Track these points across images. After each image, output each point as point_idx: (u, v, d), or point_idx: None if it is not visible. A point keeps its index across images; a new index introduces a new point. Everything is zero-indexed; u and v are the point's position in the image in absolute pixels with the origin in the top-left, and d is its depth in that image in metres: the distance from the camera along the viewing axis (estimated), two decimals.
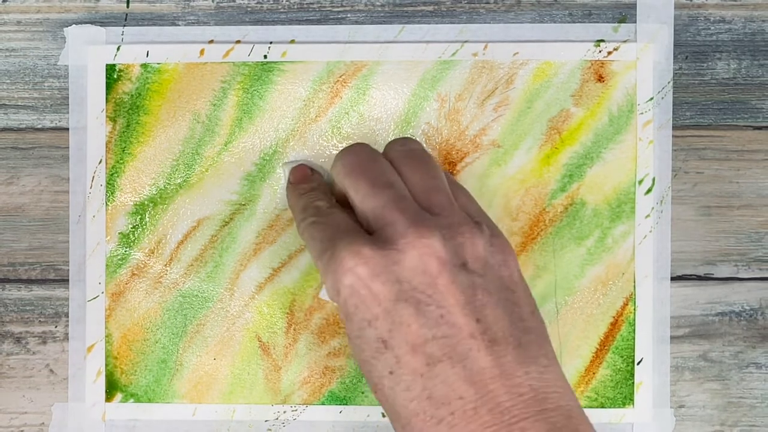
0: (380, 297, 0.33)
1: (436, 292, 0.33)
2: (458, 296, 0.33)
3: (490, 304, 0.33)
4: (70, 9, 0.44)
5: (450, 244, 0.33)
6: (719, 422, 0.43)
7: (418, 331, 0.33)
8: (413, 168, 0.37)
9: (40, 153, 0.44)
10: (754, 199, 0.44)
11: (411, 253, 0.33)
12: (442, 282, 0.33)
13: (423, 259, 0.33)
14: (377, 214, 0.35)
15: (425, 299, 0.33)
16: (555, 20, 0.43)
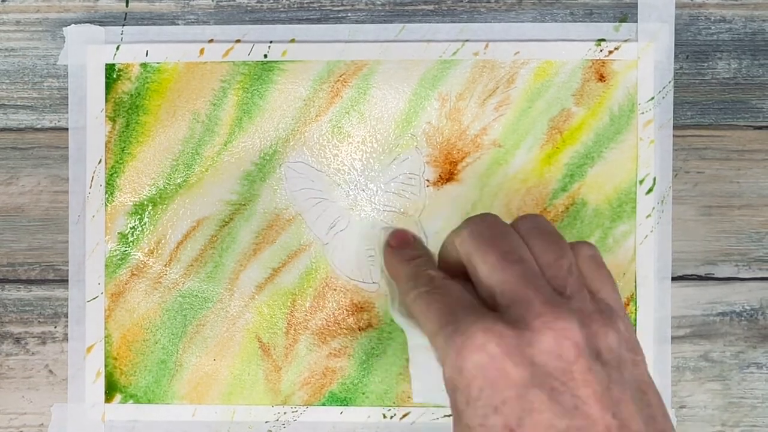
0: (512, 379, 0.30)
1: (571, 379, 0.30)
2: (594, 387, 0.30)
3: (624, 400, 0.30)
4: (70, 8, 0.44)
5: (585, 330, 0.31)
6: (720, 422, 0.43)
7: (551, 420, 0.30)
8: (545, 246, 0.34)
9: (40, 153, 0.44)
10: (755, 199, 0.44)
11: (547, 334, 0.30)
12: (579, 369, 0.30)
13: (559, 342, 0.30)
14: (507, 289, 0.32)
15: (559, 386, 0.30)
16: (556, 19, 0.43)
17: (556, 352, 0.30)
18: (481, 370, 0.30)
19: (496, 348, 0.30)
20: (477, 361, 0.30)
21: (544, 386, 0.30)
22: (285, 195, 0.44)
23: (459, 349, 0.30)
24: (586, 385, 0.30)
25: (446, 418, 0.43)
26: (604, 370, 0.30)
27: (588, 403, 0.30)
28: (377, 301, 0.43)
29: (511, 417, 0.30)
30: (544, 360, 0.30)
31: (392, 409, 0.43)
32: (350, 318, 0.44)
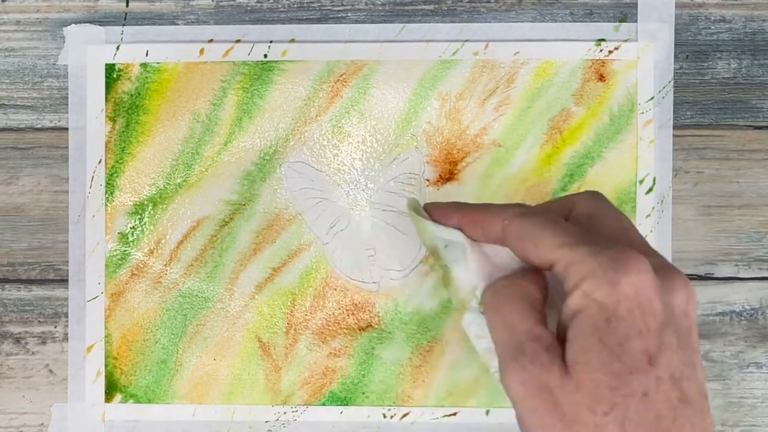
0: (657, 313, 0.31)
1: (690, 338, 0.31)
2: (699, 355, 0.32)
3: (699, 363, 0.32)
4: (70, 8, 0.44)
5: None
6: (720, 422, 0.43)
7: (679, 363, 0.31)
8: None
9: (40, 153, 0.44)
10: (755, 198, 0.44)
11: (684, 293, 0.32)
12: (695, 334, 0.32)
13: (690, 303, 0.32)
14: (643, 245, 0.34)
15: (685, 339, 0.31)
16: (556, 19, 0.43)
17: (685, 310, 0.31)
18: (636, 291, 0.30)
19: (652, 279, 0.31)
20: (635, 282, 0.30)
21: (677, 332, 0.31)
22: (285, 195, 0.44)
23: (620, 264, 0.31)
24: (696, 351, 0.31)
25: (446, 417, 0.43)
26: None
27: (697, 366, 0.31)
28: (377, 301, 0.43)
29: (652, 345, 0.30)
30: (676, 311, 0.31)
31: (392, 409, 0.43)
32: (350, 318, 0.44)
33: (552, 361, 0.31)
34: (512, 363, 0.31)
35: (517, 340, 0.32)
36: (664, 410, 0.30)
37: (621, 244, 0.32)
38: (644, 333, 0.30)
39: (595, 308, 0.31)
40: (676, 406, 0.30)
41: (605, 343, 0.30)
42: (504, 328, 0.33)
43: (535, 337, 0.32)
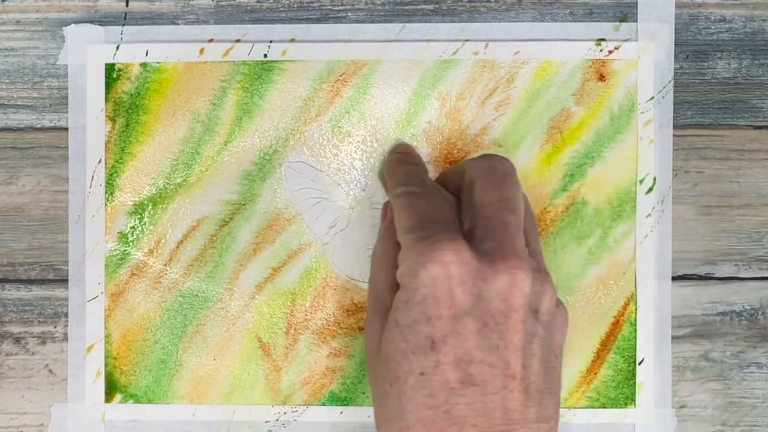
0: (455, 302, 0.33)
1: (504, 323, 0.33)
2: (520, 337, 0.33)
3: (537, 357, 0.34)
4: (69, 8, 0.44)
5: (534, 287, 0.34)
6: (720, 422, 0.43)
7: (472, 349, 0.33)
8: (527, 214, 0.38)
9: (40, 153, 0.44)
10: (755, 198, 0.44)
11: (504, 279, 0.33)
12: (515, 319, 0.33)
13: (511, 289, 0.33)
14: (491, 227, 0.35)
15: (492, 325, 0.33)
16: (556, 19, 0.43)
17: (504, 296, 0.33)
18: (433, 282, 0.33)
19: (455, 270, 0.33)
20: (434, 273, 0.33)
21: (479, 319, 0.33)
22: (285, 195, 0.44)
23: (423, 255, 0.33)
24: (515, 333, 0.33)
25: None
26: (535, 327, 0.34)
27: (509, 348, 0.33)
28: None
29: (438, 332, 0.33)
30: (491, 297, 0.33)
31: None
32: (350, 318, 0.44)
33: (378, 330, 0.35)
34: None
35: (370, 298, 0.38)
36: (438, 390, 0.33)
37: (475, 220, 0.35)
38: (433, 320, 0.33)
39: (401, 291, 0.34)
40: (455, 388, 0.33)
41: (398, 323, 0.34)
42: (369, 288, 0.38)
43: (376, 302, 0.36)
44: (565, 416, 0.43)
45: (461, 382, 0.33)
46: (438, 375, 0.33)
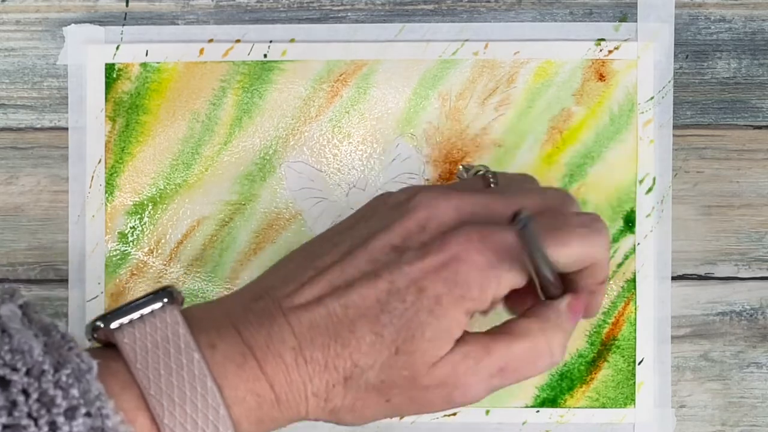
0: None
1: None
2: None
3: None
4: (69, 8, 0.44)
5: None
6: (720, 422, 0.43)
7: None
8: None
9: (40, 153, 0.44)
10: (755, 198, 0.44)
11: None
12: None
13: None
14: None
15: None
16: (556, 19, 0.43)
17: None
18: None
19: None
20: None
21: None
22: (285, 195, 0.44)
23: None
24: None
25: (446, 417, 0.43)
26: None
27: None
28: None
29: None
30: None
31: None
32: None
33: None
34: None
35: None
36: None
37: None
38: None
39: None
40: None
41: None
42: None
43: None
44: (565, 416, 0.43)
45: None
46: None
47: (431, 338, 0.32)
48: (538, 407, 0.43)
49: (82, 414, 0.29)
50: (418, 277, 0.32)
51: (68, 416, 0.29)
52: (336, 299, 0.32)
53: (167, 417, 0.31)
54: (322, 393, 0.32)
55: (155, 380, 0.31)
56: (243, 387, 0.32)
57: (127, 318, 0.32)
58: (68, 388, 0.29)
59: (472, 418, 0.43)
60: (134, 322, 0.32)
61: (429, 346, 0.32)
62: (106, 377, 0.30)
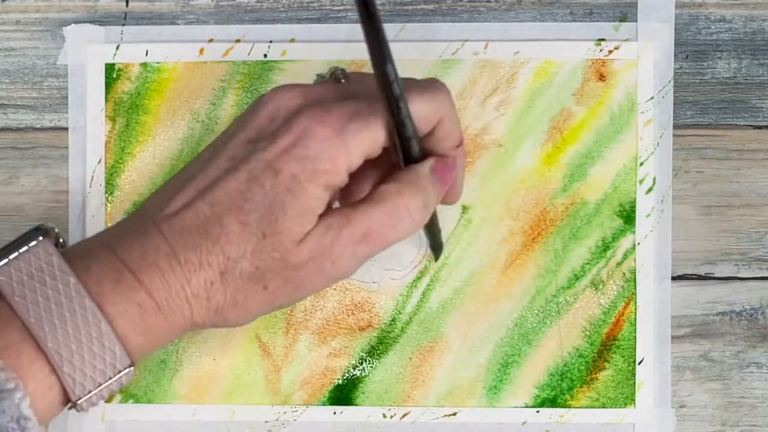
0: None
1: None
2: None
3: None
4: (69, 8, 0.44)
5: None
6: (720, 422, 0.43)
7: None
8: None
9: (40, 153, 0.44)
10: (755, 198, 0.44)
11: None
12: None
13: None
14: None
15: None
16: (556, 19, 0.43)
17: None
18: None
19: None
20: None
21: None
22: None
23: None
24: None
25: (446, 417, 0.43)
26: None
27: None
28: (377, 301, 0.43)
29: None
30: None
31: (392, 409, 0.43)
32: (350, 318, 0.43)
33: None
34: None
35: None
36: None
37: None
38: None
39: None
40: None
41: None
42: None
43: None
44: (565, 416, 0.43)
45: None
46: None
47: (293, 216, 0.33)
48: (538, 407, 0.43)
49: None
50: (272, 160, 0.33)
51: None
52: (201, 200, 0.34)
53: (50, 340, 0.32)
54: (203, 293, 0.34)
55: (34, 308, 0.32)
56: (122, 300, 0.33)
57: (3, 260, 0.33)
58: None
59: (472, 418, 0.43)
60: (10, 261, 0.33)
61: (292, 223, 0.33)
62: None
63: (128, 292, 0.33)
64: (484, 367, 0.43)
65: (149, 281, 0.33)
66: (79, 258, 0.34)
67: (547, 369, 0.43)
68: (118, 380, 0.33)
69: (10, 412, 0.30)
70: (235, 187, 0.34)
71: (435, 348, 0.43)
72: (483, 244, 0.43)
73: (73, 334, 0.32)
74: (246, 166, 0.34)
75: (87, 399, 0.33)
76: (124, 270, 0.33)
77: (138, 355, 0.34)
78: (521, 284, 0.43)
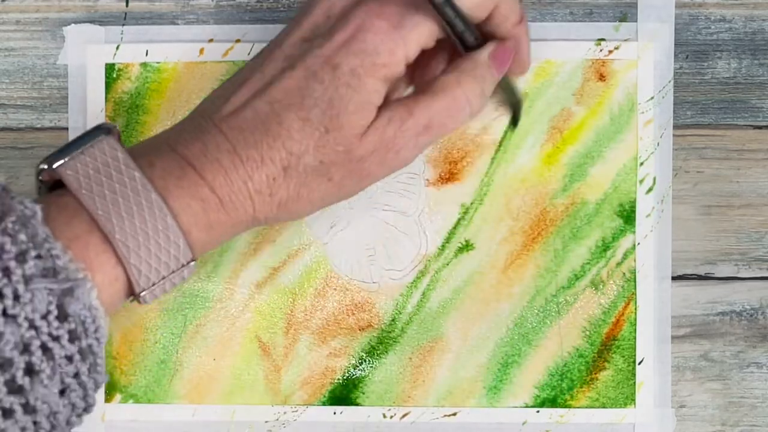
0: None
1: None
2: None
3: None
4: (69, 8, 0.44)
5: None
6: (720, 422, 0.43)
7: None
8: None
9: (40, 153, 0.44)
10: (755, 198, 0.44)
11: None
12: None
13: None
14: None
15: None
16: (556, 19, 0.43)
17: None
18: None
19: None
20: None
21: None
22: None
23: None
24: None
25: (446, 417, 0.43)
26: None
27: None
28: (377, 301, 0.43)
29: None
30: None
31: (392, 409, 0.43)
32: (350, 318, 0.43)
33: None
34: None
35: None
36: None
37: None
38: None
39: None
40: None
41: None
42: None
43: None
44: (565, 416, 0.43)
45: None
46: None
47: (354, 110, 0.34)
48: (538, 407, 0.43)
49: (32, 257, 0.30)
50: (330, 56, 0.34)
51: (19, 260, 0.30)
52: (260, 98, 0.34)
53: (118, 232, 0.32)
54: (265, 188, 0.34)
55: (101, 202, 0.32)
56: (186, 195, 0.33)
57: (68, 156, 0.34)
58: (16, 234, 0.30)
59: (472, 418, 0.43)
60: (75, 156, 0.34)
61: (354, 117, 0.34)
62: (55, 211, 0.32)
63: (192, 187, 0.34)
64: (484, 367, 0.43)
65: (212, 177, 0.34)
66: (142, 155, 0.34)
67: (547, 369, 0.43)
68: (180, 273, 0.34)
69: (83, 299, 0.31)
70: (294, 84, 0.34)
71: (435, 348, 0.43)
72: (483, 244, 0.43)
73: (139, 227, 0.32)
74: (303, 63, 0.34)
75: (150, 291, 0.34)
76: (187, 166, 0.34)
77: (200, 251, 0.34)
78: (521, 284, 0.43)
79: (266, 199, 0.35)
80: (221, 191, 0.34)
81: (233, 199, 0.34)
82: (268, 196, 0.35)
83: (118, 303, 0.34)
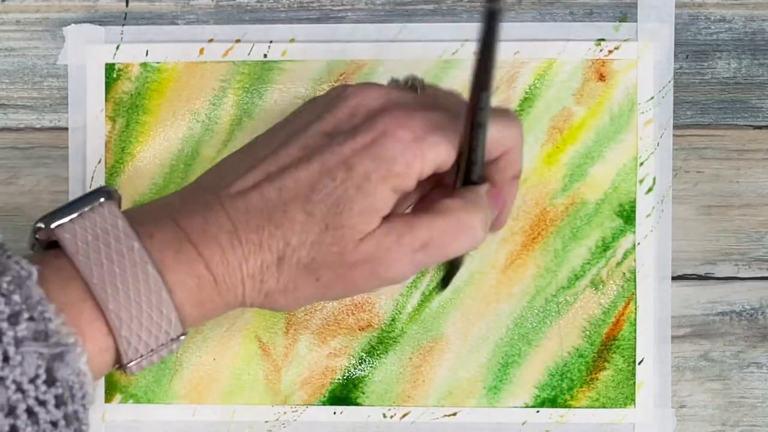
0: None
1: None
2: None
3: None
4: (69, 8, 0.44)
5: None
6: (720, 422, 0.43)
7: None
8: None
9: (40, 153, 0.44)
10: (755, 198, 0.44)
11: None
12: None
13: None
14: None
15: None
16: (556, 19, 0.43)
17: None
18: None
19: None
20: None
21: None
22: None
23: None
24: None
25: (446, 417, 0.43)
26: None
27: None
28: (377, 301, 0.43)
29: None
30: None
31: (392, 409, 0.43)
32: (350, 318, 0.44)
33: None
34: None
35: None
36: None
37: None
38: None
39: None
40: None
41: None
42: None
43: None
44: (565, 416, 0.43)
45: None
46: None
47: (359, 213, 0.34)
48: (538, 407, 0.43)
49: (25, 319, 0.30)
50: (348, 156, 0.34)
51: (12, 322, 0.30)
52: (270, 184, 0.34)
53: (111, 302, 0.32)
54: (258, 274, 0.34)
55: (98, 269, 0.32)
56: (182, 270, 0.33)
57: (67, 217, 0.33)
58: (10, 295, 0.30)
59: (472, 418, 0.43)
60: (74, 219, 0.33)
61: (357, 221, 0.34)
62: (50, 273, 0.32)
63: (188, 263, 0.33)
64: (484, 366, 0.43)
65: (209, 257, 0.34)
66: (142, 224, 0.34)
67: (547, 369, 0.43)
68: (169, 347, 0.34)
69: (72, 364, 0.31)
70: (306, 177, 0.34)
71: (435, 348, 0.43)
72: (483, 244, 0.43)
73: (134, 299, 0.32)
74: (320, 157, 0.34)
75: (137, 363, 0.33)
76: (186, 241, 0.33)
77: (189, 326, 0.34)
78: (521, 284, 0.43)
79: (256, 285, 0.34)
80: (216, 270, 0.34)
81: (227, 280, 0.34)
82: (259, 283, 0.34)
83: (105, 371, 0.34)
